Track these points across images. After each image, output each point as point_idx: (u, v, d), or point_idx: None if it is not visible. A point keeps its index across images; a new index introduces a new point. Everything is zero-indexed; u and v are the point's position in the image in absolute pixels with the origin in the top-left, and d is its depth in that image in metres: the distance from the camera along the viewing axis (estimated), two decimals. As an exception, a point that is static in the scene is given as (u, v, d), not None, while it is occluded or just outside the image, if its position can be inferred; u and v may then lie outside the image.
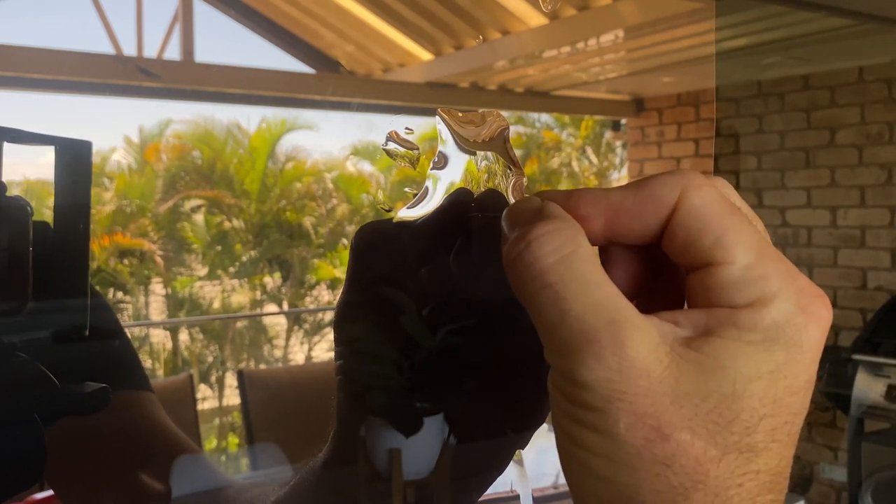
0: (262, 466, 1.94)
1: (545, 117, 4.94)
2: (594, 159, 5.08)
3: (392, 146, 0.42)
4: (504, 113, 0.46)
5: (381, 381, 0.34)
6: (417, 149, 0.42)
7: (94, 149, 0.35)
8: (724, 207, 0.23)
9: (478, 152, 0.45)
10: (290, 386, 2.25)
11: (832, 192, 2.80)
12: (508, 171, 0.46)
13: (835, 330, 2.72)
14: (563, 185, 5.33)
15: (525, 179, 0.47)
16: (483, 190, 0.39)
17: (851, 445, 2.30)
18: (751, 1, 1.79)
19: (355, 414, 0.34)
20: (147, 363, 4.53)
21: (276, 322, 4.85)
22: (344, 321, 0.34)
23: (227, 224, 4.64)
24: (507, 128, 0.46)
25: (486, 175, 0.45)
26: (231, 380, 4.41)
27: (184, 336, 4.58)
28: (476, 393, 0.34)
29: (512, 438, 0.35)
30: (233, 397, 4.29)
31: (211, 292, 4.86)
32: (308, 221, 4.70)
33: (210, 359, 4.52)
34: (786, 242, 2.88)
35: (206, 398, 4.42)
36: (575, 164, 5.03)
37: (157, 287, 4.76)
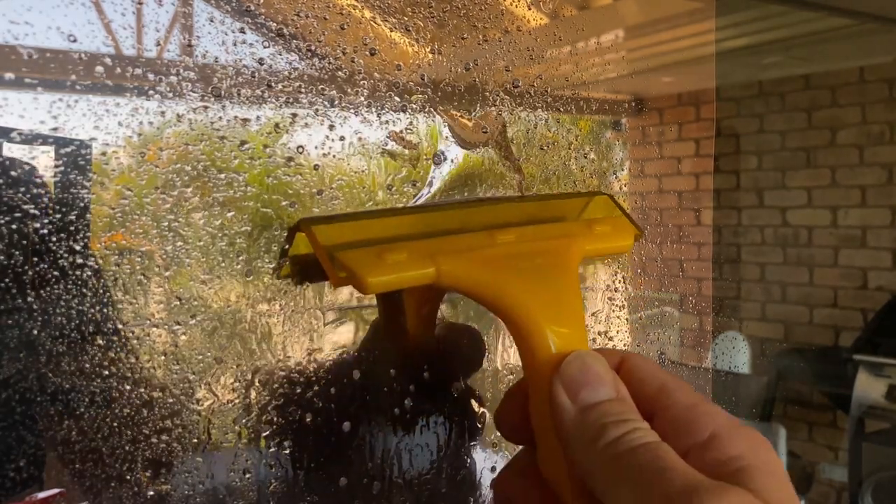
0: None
1: (544, 117, 4.94)
2: (593, 159, 5.08)
3: (393, 146, 0.42)
4: (503, 113, 0.46)
5: None
6: (417, 148, 0.42)
7: (94, 149, 0.35)
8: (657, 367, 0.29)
9: (477, 150, 0.45)
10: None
11: (833, 192, 2.80)
12: (508, 164, 0.46)
13: (835, 330, 2.72)
14: (561, 186, 5.34)
15: (524, 176, 0.47)
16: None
17: (852, 445, 2.30)
18: (751, 1, 1.79)
19: None
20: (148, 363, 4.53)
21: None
22: None
23: (227, 224, 4.66)
24: (506, 126, 0.46)
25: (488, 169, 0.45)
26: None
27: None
28: None
29: None
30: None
31: (211, 292, 4.86)
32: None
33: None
34: (786, 242, 2.88)
35: (206, 398, 4.43)
36: (573, 164, 5.04)
37: (158, 287, 4.76)
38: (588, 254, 0.35)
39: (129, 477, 0.36)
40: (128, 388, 0.36)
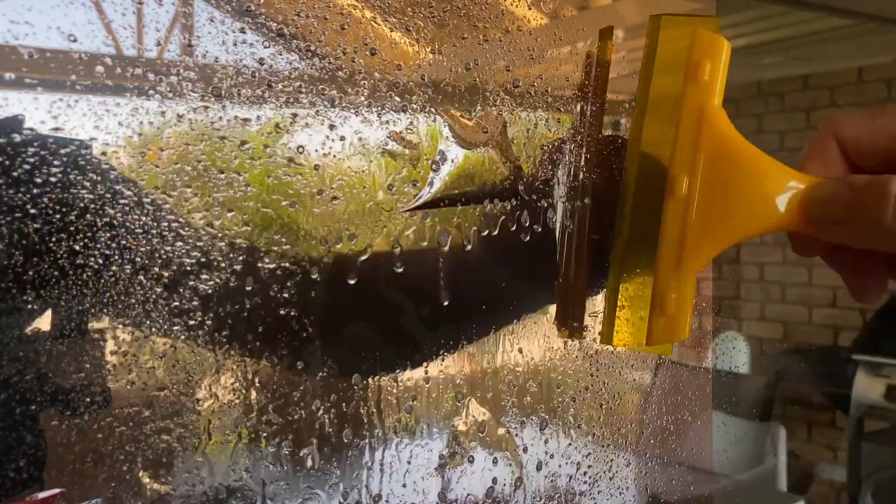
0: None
1: (544, 117, 4.94)
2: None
3: (393, 146, 0.42)
4: (504, 113, 0.46)
5: None
6: (417, 148, 0.42)
7: (94, 149, 0.35)
8: None
9: (478, 150, 0.45)
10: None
11: (832, 192, 2.80)
12: (508, 164, 0.46)
13: (834, 330, 2.72)
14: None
15: (523, 175, 0.47)
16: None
17: (851, 445, 2.30)
18: (751, 1, 1.79)
19: None
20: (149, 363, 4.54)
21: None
22: None
23: (226, 224, 4.67)
24: (506, 126, 0.46)
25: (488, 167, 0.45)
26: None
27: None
28: None
29: None
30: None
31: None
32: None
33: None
34: (786, 242, 2.87)
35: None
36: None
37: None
38: (720, 96, 0.35)
39: (128, 477, 0.36)
40: (128, 388, 0.36)
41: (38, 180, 0.33)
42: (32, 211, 0.33)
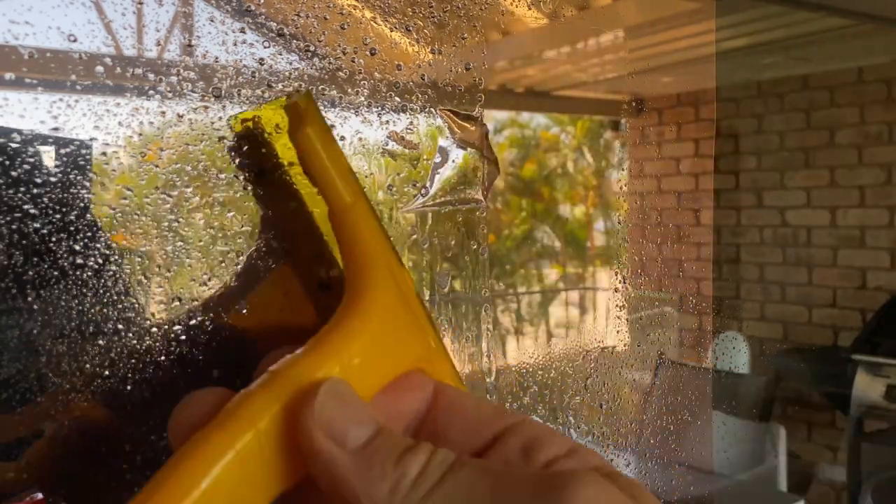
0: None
1: (543, 117, 4.95)
2: (591, 159, 5.08)
3: (393, 146, 0.42)
4: (503, 113, 0.46)
5: None
6: (418, 148, 0.43)
7: (95, 149, 0.35)
8: None
9: (469, 149, 0.46)
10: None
11: (832, 192, 2.81)
12: (486, 163, 0.46)
13: (834, 330, 2.72)
14: (561, 184, 5.34)
15: (498, 170, 0.48)
16: None
17: (851, 446, 2.30)
18: (751, 1, 1.79)
19: None
20: (148, 363, 4.54)
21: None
22: None
23: (226, 224, 4.67)
24: (487, 129, 0.47)
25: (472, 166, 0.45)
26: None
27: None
28: None
29: None
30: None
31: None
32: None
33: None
34: (785, 242, 2.88)
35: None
36: (571, 164, 5.04)
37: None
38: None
39: (128, 477, 0.36)
40: (128, 388, 0.36)
41: (38, 180, 0.33)
42: (33, 211, 0.33)
